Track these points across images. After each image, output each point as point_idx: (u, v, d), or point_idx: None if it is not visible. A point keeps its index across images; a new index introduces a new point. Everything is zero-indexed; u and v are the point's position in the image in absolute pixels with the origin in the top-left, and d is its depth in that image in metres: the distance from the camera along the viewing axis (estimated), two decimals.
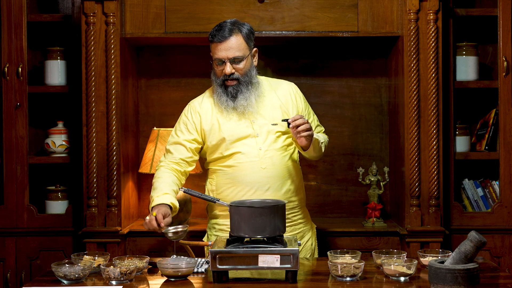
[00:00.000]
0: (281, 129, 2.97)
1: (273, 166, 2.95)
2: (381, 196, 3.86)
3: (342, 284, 2.41)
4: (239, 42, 2.92)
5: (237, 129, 2.96)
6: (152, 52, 4.02)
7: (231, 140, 2.95)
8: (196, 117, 3.03)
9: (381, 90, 4.02)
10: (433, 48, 3.51)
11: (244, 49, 2.93)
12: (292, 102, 3.05)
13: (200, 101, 3.08)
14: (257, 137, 2.96)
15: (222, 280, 2.43)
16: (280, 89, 3.08)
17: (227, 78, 2.94)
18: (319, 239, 3.35)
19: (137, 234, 3.61)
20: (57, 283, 2.44)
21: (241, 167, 2.94)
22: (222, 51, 2.91)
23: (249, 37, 2.97)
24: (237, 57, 2.91)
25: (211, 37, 2.95)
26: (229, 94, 2.95)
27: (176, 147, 3.03)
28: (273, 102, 3.01)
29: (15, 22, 3.66)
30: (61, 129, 3.84)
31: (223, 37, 2.90)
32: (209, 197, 2.85)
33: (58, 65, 3.80)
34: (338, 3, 3.60)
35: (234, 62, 2.92)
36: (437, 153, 3.52)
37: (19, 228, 3.69)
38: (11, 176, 3.68)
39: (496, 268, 2.69)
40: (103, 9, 3.51)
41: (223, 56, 2.91)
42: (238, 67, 2.93)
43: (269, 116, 2.98)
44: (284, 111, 3.01)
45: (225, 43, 2.90)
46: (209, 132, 2.99)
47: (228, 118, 2.97)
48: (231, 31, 2.91)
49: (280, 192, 2.95)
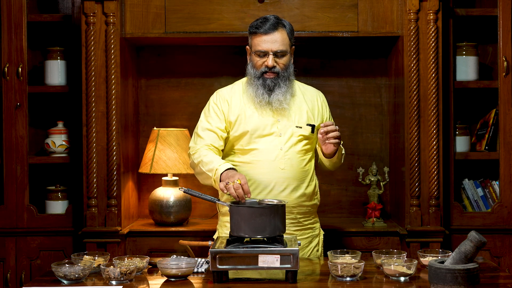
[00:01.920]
0: (304, 133, 2.97)
1: (291, 167, 2.93)
2: (381, 196, 3.86)
3: (342, 284, 2.41)
4: (283, 36, 2.91)
5: (262, 125, 2.94)
6: (152, 52, 4.02)
7: (254, 134, 2.93)
8: (224, 106, 2.99)
9: (381, 90, 4.02)
10: (433, 48, 3.51)
11: (287, 44, 2.93)
12: (318, 109, 3.05)
13: (229, 90, 3.05)
14: (280, 137, 2.95)
15: (222, 280, 2.43)
16: (308, 94, 3.08)
17: (266, 71, 2.92)
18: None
19: (137, 234, 3.61)
20: (57, 283, 2.44)
21: (259, 164, 2.93)
22: (267, 43, 2.89)
23: (292, 34, 2.97)
24: (281, 50, 2.91)
25: (254, 28, 2.92)
26: (266, 87, 2.92)
27: (207, 134, 2.97)
28: (301, 105, 3.01)
29: (15, 22, 3.66)
30: (61, 129, 3.84)
31: (270, 29, 2.89)
32: (209, 197, 2.84)
33: (58, 65, 3.80)
34: (338, 3, 3.60)
35: (276, 55, 2.91)
36: (437, 153, 3.52)
37: (19, 228, 3.69)
38: (11, 176, 3.68)
39: (496, 268, 2.69)
40: (103, 9, 3.51)
41: (267, 48, 2.90)
42: (280, 61, 2.92)
43: (295, 118, 2.97)
44: (309, 116, 3.00)
45: (271, 35, 2.89)
46: (234, 122, 2.96)
47: (255, 112, 2.95)
48: (277, 24, 2.91)
49: (295, 194, 2.94)
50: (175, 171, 3.71)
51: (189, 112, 3.99)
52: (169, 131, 3.76)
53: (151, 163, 3.71)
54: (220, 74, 4.01)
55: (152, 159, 3.71)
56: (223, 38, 3.67)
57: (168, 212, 3.68)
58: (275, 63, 2.91)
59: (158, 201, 3.69)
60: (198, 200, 3.83)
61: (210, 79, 4.03)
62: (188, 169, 3.71)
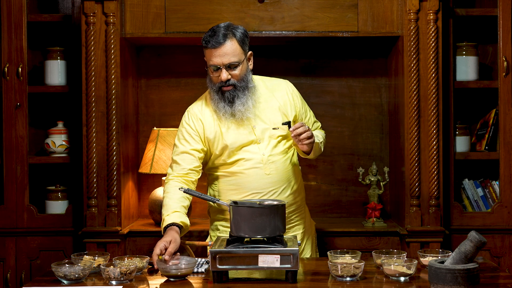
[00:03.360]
0: (282, 133, 2.96)
1: (276, 171, 2.93)
2: (381, 196, 3.86)
3: (342, 284, 2.41)
4: (234, 47, 2.83)
5: (239, 136, 2.92)
6: (152, 52, 4.02)
7: (233, 147, 2.92)
8: (199, 125, 2.96)
9: (381, 90, 4.02)
10: (433, 48, 3.51)
11: (239, 54, 2.85)
12: (290, 102, 3.02)
13: (200, 108, 3.00)
14: (259, 143, 2.94)
15: (222, 280, 2.43)
16: (277, 89, 3.04)
17: (223, 85, 2.87)
18: (319, 239, 3.35)
19: (137, 234, 3.61)
20: (57, 283, 2.44)
21: (246, 173, 2.92)
22: (217, 57, 2.83)
23: (244, 41, 2.88)
24: (233, 63, 2.83)
25: (204, 42, 2.86)
26: (226, 100, 2.88)
27: (183, 157, 2.93)
28: (272, 105, 2.98)
29: (15, 22, 3.66)
30: (61, 129, 3.84)
31: (217, 43, 2.80)
32: (209, 197, 2.85)
33: (58, 65, 3.80)
34: (338, 3, 3.60)
35: (229, 68, 2.84)
36: (437, 153, 3.52)
37: (19, 228, 3.69)
38: (11, 176, 3.68)
39: (496, 268, 2.69)
40: (103, 9, 3.51)
41: (218, 63, 2.83)
42: (234, 73, 2.86)
43: (269, 120, 2.95)
44: (283, 112, 2.98)
45: (219, 49, 2.81)
46: (213, 140, 2.93)
47: (229, 125, 2.92)
48: (225, 36, 2.82)
49: (285, 194, 2.95)
50: None
51: None
52: (169, 131, 3.76)
53: (151, 163, 3.71)
54: None
55: (152, 159, 3.71)
56: None
57: None
58: (229, 75, 2.86)
59: (158, 201, 3.69)
60: (198, 200, 3.83)
61: None
62: None
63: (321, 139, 3.06)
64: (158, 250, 2.57)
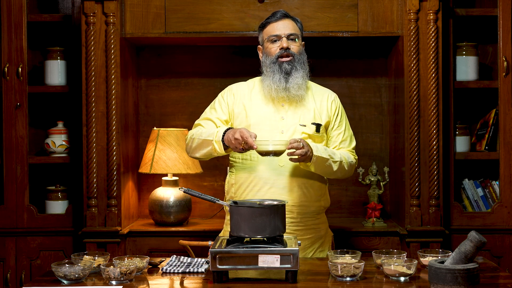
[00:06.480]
0: (308, 131, 2.95)
1: (290, 165, 2.90)
2: (381, 196, 3.86)
3: (342, 284, 2.41)
4: (294, 24, 2.99)
5: (265, 119, 2.93)
6: (152, 52, 4.02)
7: (256, 128, 2.90)
8: (230, 97, 3.02)
9: (381, 90, 4.02)
10: (433, 48, 3.51)
11: (298, 32, 2.99)
12: (327, 109, 3.02)
13: (239, 84, 3.08)
14: (282, 134, 2.93)
15: (222, 280, 2.43)
16: (319, 93, 3.05)
17: (282, 54, 2.93)
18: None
19: (137, 234, 3.61)
20: (57, 283, 2.44)
21: (259, 160, 2.91)
22: (279, 28, 2.94)
23: (301, 29, 3.03)
24: (294, 33, 2.95)
25: (265, 21, 3.00)
26: (283, 71, 2.91)
27: (207, 123, 3.00)
28: (308, 103, 2.99)
29: (15, 22, 3.66)
30: (61, 129, 3.84)
31: (281, 17, 2.96)
32: (209, 197, 2.84)
33: (58, 65, 3.80)
34: (338, 3, 3.60)
35: (289, 39, 2.95)
36: (437, 153, 3.52)
37: (19, 228, 3.69)
38: (11, 176, 3.68)
39: (496, 268, 2.69)
40: (103, 9, 3.52)
41: (280, 32, 2.94)
42: (294, 44, 2.96)
43: (300, 116, 2.95)
44: (316, 115, 2.98)
45: (281, 22, 2.95)
46: (238, 114, 2.97)
47: (262, 107, 2.95)
48: (287, 15, 2.99)
49: (294, 193, 2.92)
50: (175, 171, 3.71)
51: (189, 112, 3.99)
52: (169, 131, 3.76)
53: (151, 163, 3.71)
54: (220, 74, 4.02)
55: (152, 159, 3.71)
56: (223, 38, 3.68)
57: (168, 212, 3.68)
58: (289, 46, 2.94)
59: (158, 201, 3.69)
60: (198, 200, 3.84)
61: (210, 79, 4.03)
62: (188, 169, 3.71)
63: (337, 158, 2.95)
64: (251, 134, 2.70)
